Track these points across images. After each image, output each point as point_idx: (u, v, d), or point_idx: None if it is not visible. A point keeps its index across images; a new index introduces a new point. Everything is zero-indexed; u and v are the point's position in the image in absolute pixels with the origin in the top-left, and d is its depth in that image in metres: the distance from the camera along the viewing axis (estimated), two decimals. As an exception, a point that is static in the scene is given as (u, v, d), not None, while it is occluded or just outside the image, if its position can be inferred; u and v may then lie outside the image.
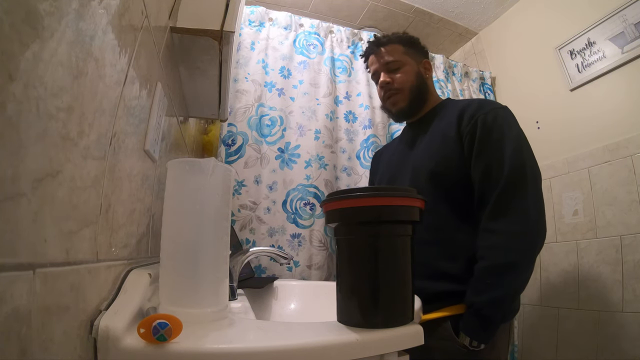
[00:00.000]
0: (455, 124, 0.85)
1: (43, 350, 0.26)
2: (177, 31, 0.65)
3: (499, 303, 0.71)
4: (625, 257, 1.23)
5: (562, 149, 1.51)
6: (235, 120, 1.31)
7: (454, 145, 0.84)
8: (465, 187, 0.83)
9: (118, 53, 0.39)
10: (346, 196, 0.48)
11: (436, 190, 0.84)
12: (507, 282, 0.71)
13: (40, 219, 0.26)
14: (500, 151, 0.78)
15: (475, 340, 0.72)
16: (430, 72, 1.01)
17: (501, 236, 0.72)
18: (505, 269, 0.71)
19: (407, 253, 0.48)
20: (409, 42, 1.00)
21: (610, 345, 1.21)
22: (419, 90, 0.98)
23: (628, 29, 1.31)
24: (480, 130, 0.80)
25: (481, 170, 0.79)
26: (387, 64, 0.98)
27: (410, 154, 0.96)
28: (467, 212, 0.83)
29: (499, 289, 0.70)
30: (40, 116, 0.25)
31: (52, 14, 0.25)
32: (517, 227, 0.72)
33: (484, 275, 0.73)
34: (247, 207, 1.24)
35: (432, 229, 0.82)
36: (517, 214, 0.73)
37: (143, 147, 0.52)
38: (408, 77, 0.97)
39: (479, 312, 0.71)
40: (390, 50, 0.99)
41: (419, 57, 1.01)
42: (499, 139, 0.79)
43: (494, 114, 0.82)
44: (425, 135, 0.94)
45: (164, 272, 0.44)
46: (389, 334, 0.44)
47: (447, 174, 0.84)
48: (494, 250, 0.72)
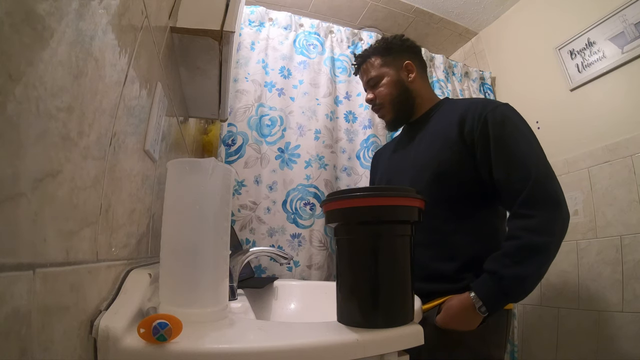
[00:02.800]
0: (456, 126, 0.85)
1: (43, 350, 0.26)
2: (177, 31, 0.65)
3: (522, 279, 0.71)
4: (625, 257, 1.23)
5: (562, 149, 1.51)
6: (235, 120, 1.30)
7: (456, 147, 0.84)
8: (467, 187, 0.83)
9: (118, 53, 0.39)
10: (346, 196, 0.48)
11: (437, 191, 0.83)
12: (537, 262, 0.71)
13: (40, 219, 0.26)
14: (518, 143, 0.78)
15: (484, 305, 0.72)
16: (414, 73, 0.99)
17: (537, 219, 0.73)
18: (537, 250, 0.71)
19: (407, 253, 0.48)
20: (385, 51, 1.00)
21: (610, 345, 1.21)
22: (402, 99, 0.98)
23: (628, 29, 1.31)
24: (493, 127, 0.80)
25: (506, 163, 0.78)
26: (369, 82, 1.01)
27: (409, 155, 0.96)
28: (466, 213, 0.83)
29: (527, 267, 0.71)
30: (40, 116, 0.25)
31: (52, 14, 0.25)
32: (552, 213, 0.73)
33: (515, 252, 0.72)
34: (247, 207, 1.24)
35: (430, 231, 0.82)
36: (551, 201, 0.74)
37: (143, 147, 0.52)
38: (387, 89, 0.98)
39: (501, 281, 0.71)
40: (368, 66, 1.01)
41: (399, 62, 0.99)
42: (513, 132, 0.80)
43: (500, 110, 0.82)
44: (424, 136, 0.94)
45: (164, 272, 0.44)
46: (389, 334, 0.44)
47: (449, 175, 0.84)
48: (529, 232, 0.72)
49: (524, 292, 0.73)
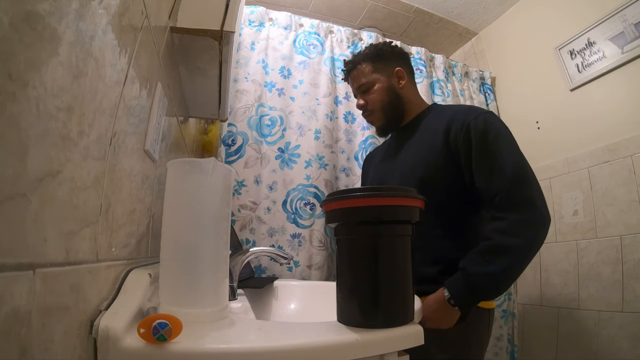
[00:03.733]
0: (442, 133, 0.88)
1: (43, 350, 0.26)
2: (177, 31, 0.65)
3: (489, 277, 0.75)
4: (625, 257, 1.23)
5: (562, 149, 1.51)
6: (235, 120, 1.30)
7: (441, 154, 0.87)
8: (453, 193, 0.86)
9: (118, 53, 0.39)
10: (346, 196, 0.48)
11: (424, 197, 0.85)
12: (506, 261, 0.75)
13: (41, 219, 0.26)
14: (499, 150, 0.81)
15: (453, 298, 0.76)
16: (404, 80, 1.00)
17: (509, 222, 0.76)
18: (506, 250, 0.75)
19: (407, 253, 0.48)
20: (376, 57, 1.00)
21: (610, 345, 1.21)
22: (393, 105, 0.99)
23: (628, 29, 1.31)
24: (474, 134, 0.83)
25: (486, 170, 0.81)
26: (359, 88, 1.02)
27: (397, 161, 0.98)
28: (449, 219, 0.86)
29: (495, 265, 0.74)
30: (40, 116, 0.25)
31: (52, 14, 0.25)
32: (525, 215, 0.76)
33: (485, 252, 0.76)
34: (247, 207, 1.24)
35: (417, 236, 0.83)
36: (525, 204, 0.77)
37: (143, 147, 0.52)
38: (379, 95, 0.99)
39: (469, 277, 0.75)
40: (359, 73, 1.01)
41: (390, 68, 1.00)
42: (495, 140, 0.82)
43: (482, 118, 0.85)
44: (412, 142, 0.96)
45: (164, 272, 0.44)
46: (389, 334, 0.44)
47: (435, 182, 0.86)
48: (500, 233, 0.76)
49: (493, 289, 0.77)
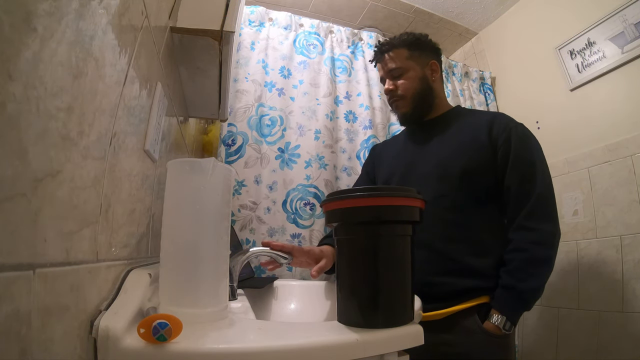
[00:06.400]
0: (485, 131, 0.90)
1: (43, 350, 0.26)
2: (177, 31, 0.65)
3: (536, 291, 0.79)
4: (625, 257, 1.23)
5: (562, 149, 1.51)
6: (235, 120, 1.30)
7: (483, 149, 0.89)
8: (490, 189, 0.88)
9: (118, 53, 0.39)
10: (346, 196, 0.48)
11: (465, 187, 0.88)
12: (545, 273, 0.80)
13: (40, 219, 0.26)
14: (535, 161, 0.87)
15: (509, 321, 0.77)
16: (437, 74, 1.01)
17: (541, 233, 0.81)
18: (544, 262, 0.80)
19: (407, 253, 0.48)
20: (414, 45, 1.00)
21: (611, 345, 1.21)
22: (423, 96, 0.99)
23: (628, 29, 1.31)
24: (514, 137, 0.87)
25: (520, 174, 0.85)
26: (391, 71, 1.00)
27: (428, 153, 0.96)
28: (489, 213, 0.88)
29: (538, 279, 0.78)
30: (40, 116, 0.25)
31: (52, 14, 0.25)
32: (552, 227, 0.82)
33: (526, 266, 0.79)
34: (247, 207, 1.24)
35: (459, 226, 0.86)
36: (551, 216, 0.83)
37: (143, 147, 0.52)
38: (411, 83, 0.98)
39: (521, 295, 0.77)
40: (394, 56, 1.00)
41: (425, 59, 1.00)
42: (532, 150, 0.88)
43: (522, 127, 0.91)
44: (444, 137, 0.96)
45: (164, 272, 0.44)
46: (389, 334, 0.44)
47: (476, 174, 0.88)
48: (536, 245, 0.80)
49: (535, 301, 0.80)
